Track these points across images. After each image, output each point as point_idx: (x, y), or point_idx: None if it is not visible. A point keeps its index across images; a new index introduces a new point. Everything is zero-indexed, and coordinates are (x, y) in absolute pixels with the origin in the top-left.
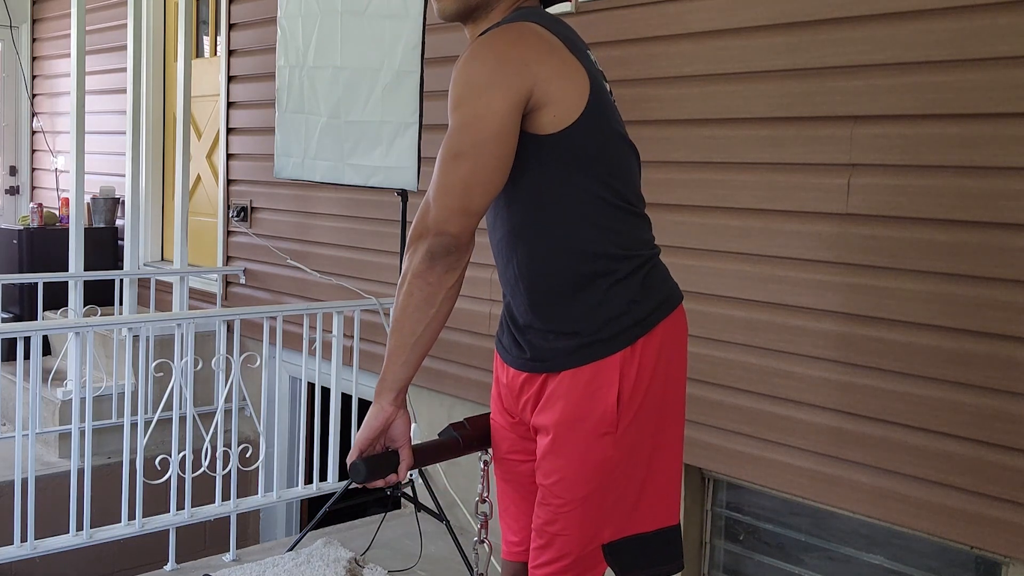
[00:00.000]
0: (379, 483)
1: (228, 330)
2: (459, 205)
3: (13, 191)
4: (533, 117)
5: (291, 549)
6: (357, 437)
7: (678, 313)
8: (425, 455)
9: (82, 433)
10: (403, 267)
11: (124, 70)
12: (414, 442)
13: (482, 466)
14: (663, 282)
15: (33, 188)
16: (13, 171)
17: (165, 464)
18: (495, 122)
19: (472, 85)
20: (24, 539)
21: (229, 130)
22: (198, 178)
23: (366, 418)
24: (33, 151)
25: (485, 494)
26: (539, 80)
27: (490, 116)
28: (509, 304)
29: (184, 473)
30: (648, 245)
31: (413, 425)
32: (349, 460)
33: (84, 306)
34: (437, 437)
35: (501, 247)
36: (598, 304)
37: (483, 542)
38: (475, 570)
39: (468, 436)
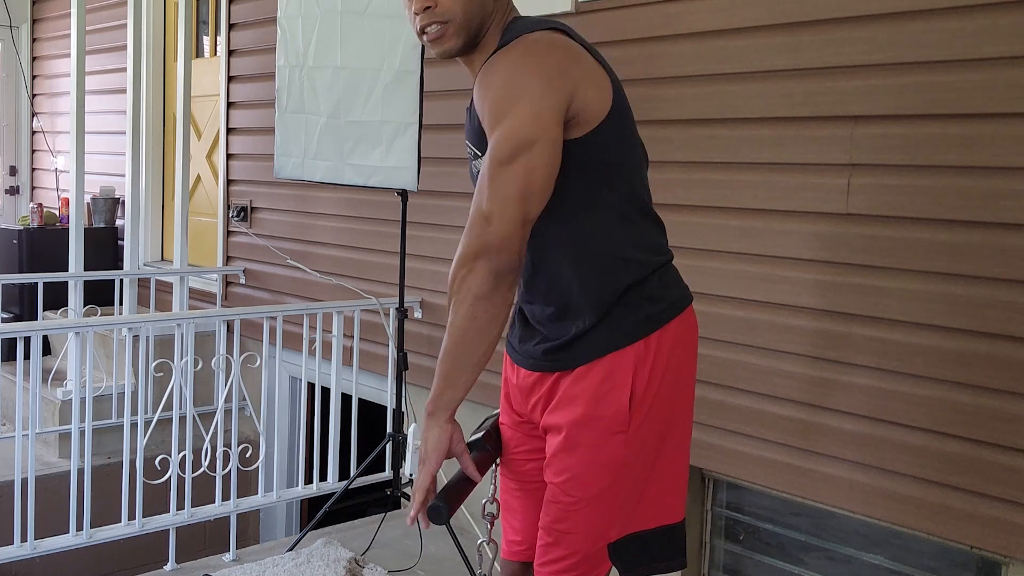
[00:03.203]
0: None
1: (228, 330)
2: (520, 215)
3: (13, 191)
4: (569, 123)
5: (291, 549)
6: (428, 464)
7: (688, 314)
8: (471, 482)
9: (82, 433)
10: (457, 288)
11: (124, 70)
12: (415, 444)
13: (493, 466)
14: (675, 284)
15: (33, 188)
16: (13, 171)
17: (165, 464)
18: (544, 128)
19: (514, 94)
20: (24, 539)
21: (229, 130)
22: (198, 178)
23: (431, 443)
24: (33, 151)
25: (495, 494)
26: (577, 86)
27: (540, 122)
28: (524, 306)
29: (184, 473)
30: (662, 250)
31: (412, 425)
32: (422, 487)
33: (84, 306)
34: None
35: (526, 260)
36: (614, 305)
37: (490, 542)
38: (478, 571)
39: (495, 444)
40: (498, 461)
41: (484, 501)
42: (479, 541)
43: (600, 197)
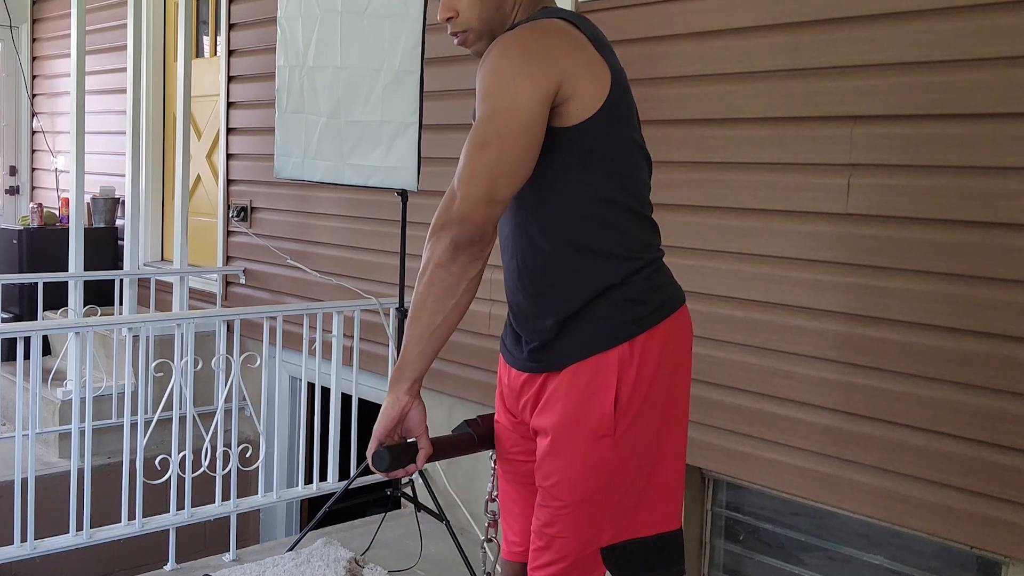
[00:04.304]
0: (399, 473)
1: (228, 330)
2: (484, 194)
3: (13, 191)
4: (557, 110)
5: (291, 549)
6: (375, 428)
7: (681, 315)
8: (441, 448)
9: (82, 433)
10: (424, 257)
11: (124, 70)
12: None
13: (492, 465)
14: (665, 284)
15: (33, 188)
16: (13, 171)
17: (165, 464)
18: (523, 113)
19: (502, 76)
20: (24, 539)
21: (229, 130)
22: (198, 178)
23: (383, 408)
24: (33, 151)
25: (495, 493)
26: (567, 74)
27: (518, 107)
28: (511, 304)
29: (184, 473)
30: (652, 248)
31: None
32: (370, 450)
33: (84, 306)
34: (451, 433)
35: (507, 242)
36: (596, 300)
37: (491, 541)
38: (483, 569)
39: (482, 434)
40: (495, 459)
41: (485, 500)
42: (482, 540)
43: (583, 190)
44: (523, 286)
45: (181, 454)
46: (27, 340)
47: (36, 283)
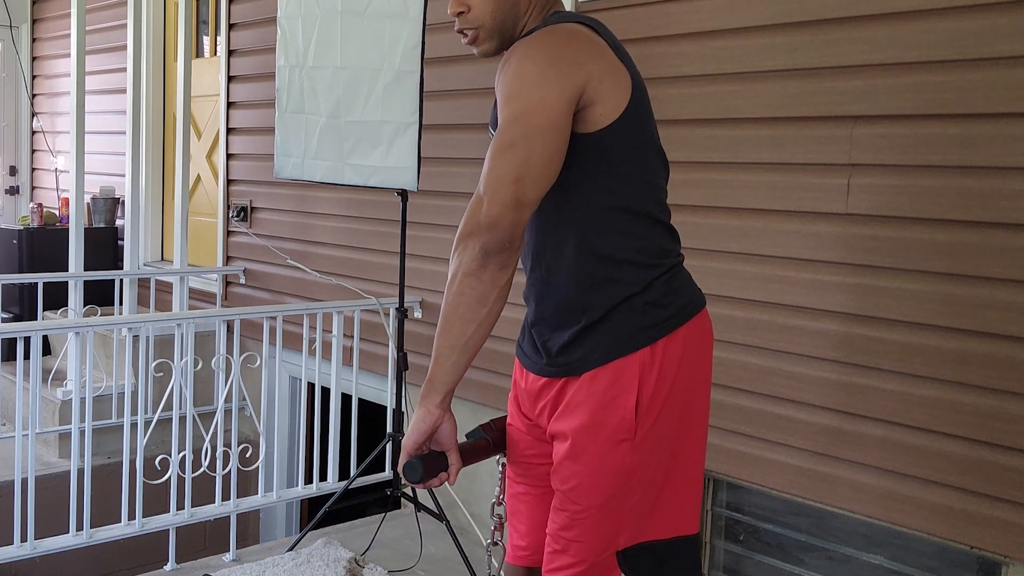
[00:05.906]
0: (433, 482)
1: (228, 330)
2: (512, 198)
3: (13, 191)
4: (579, 116)
5: (291, 549)
6: (404, 441)
7: (701, 318)
8: (465, 457)
9: (82, 433)
10: (452, 266)
11: (124, 70)
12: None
13: (500, 468)
14: (685, 289)
15: (33, 188)
16: (13, 171)
17: (165, 464)
18: (548, 115)
19: (525, 80)
20: (24, 539)
21: (229, 130)
22: (198, 178)
23: (413, 421)
24: (33, 151)
25: (502, 496)
26: (590, 79)
27: (543, 109)
28: (532, 310)
29: (184, 473)
30: (672, 254)
31: None
32: (400, 463)
33: (84, 306)
34: (466, 439)
35: (529, 250)
36: (617, 308)
37: (496, 544)
38: (488, 573)
39: (495, 438)
40: (504, 462)
41: (492, 503)
42: (487, 543)
43: (604, 198)
44: (546, 293)
45: (181, 454)
46: (27, 340)
47: (36, 283)
